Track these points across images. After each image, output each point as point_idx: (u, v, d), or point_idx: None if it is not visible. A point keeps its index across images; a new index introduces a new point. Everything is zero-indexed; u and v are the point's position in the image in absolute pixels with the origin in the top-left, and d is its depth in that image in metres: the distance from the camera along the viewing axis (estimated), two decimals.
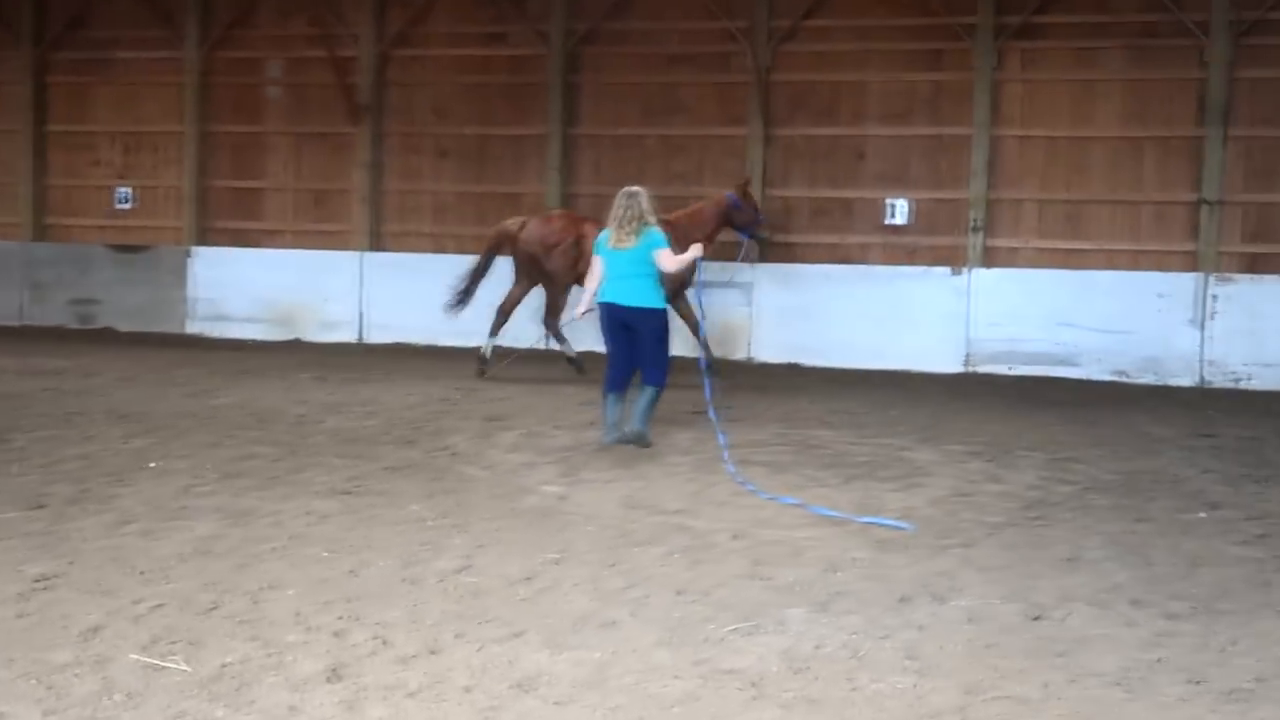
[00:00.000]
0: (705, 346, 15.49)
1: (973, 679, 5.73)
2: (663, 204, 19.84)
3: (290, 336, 20.73)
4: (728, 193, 17.09)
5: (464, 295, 16.94)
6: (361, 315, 20.79)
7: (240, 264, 21.39)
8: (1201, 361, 17.93)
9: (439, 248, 20.73)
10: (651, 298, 11.42)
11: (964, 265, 18.82)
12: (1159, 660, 6.05)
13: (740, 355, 19.10)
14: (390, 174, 21.23)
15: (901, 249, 19.24)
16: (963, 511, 9.21)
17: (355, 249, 21.05)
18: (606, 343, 11.67)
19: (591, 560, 7.72)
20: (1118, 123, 18.50)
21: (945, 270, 18.78)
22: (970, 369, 18.45)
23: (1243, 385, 17.69)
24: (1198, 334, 17.90)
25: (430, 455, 11.03)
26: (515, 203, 20.24)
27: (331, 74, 20.72)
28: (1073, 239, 18.69)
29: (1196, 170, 18.17)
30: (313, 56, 21.00)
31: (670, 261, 11.36)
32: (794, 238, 19.42)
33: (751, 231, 17.34)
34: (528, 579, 7.28)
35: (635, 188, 11.59)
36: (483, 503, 9.25)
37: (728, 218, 16.90)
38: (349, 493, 9.44)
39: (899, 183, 19.15)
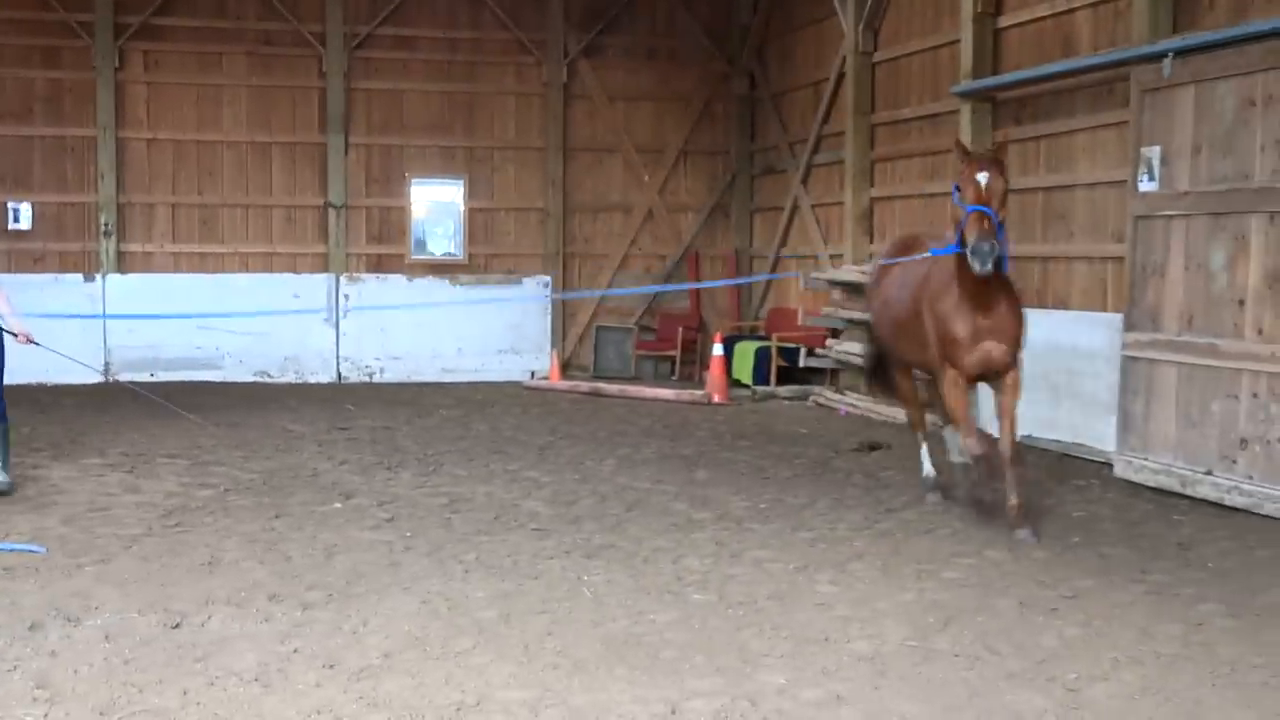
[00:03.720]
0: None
1: (109, 698, 5.56)
2: None
3: None
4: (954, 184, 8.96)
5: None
6: None
7: None
8: (338, 358, 18.80)
9: None
10: None
11: (97, 271, 18.21)
12: (295, 650, 6.24)
13: None
14: None
15: (28, 255, 18.17)
16: (99, 526, 8.89)
17: None
18: None
19: None
20: (245, 128, 18.83)
21: (77, 277, 18.04)
22: (110, 378, 17.86)
23: (376, 379, 18.80)
24: (333, 332, 18.74)
25: None
26: None
27: None
28: (207, 242, 18.77)
29: (323, 175, 18.99)
30: None
31: None
32: None
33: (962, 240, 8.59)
34: None
35: None
36: None
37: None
38: None
39: (20, 185, 18.07)
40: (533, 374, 19.01)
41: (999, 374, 8.88)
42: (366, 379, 18.81)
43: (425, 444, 12.81)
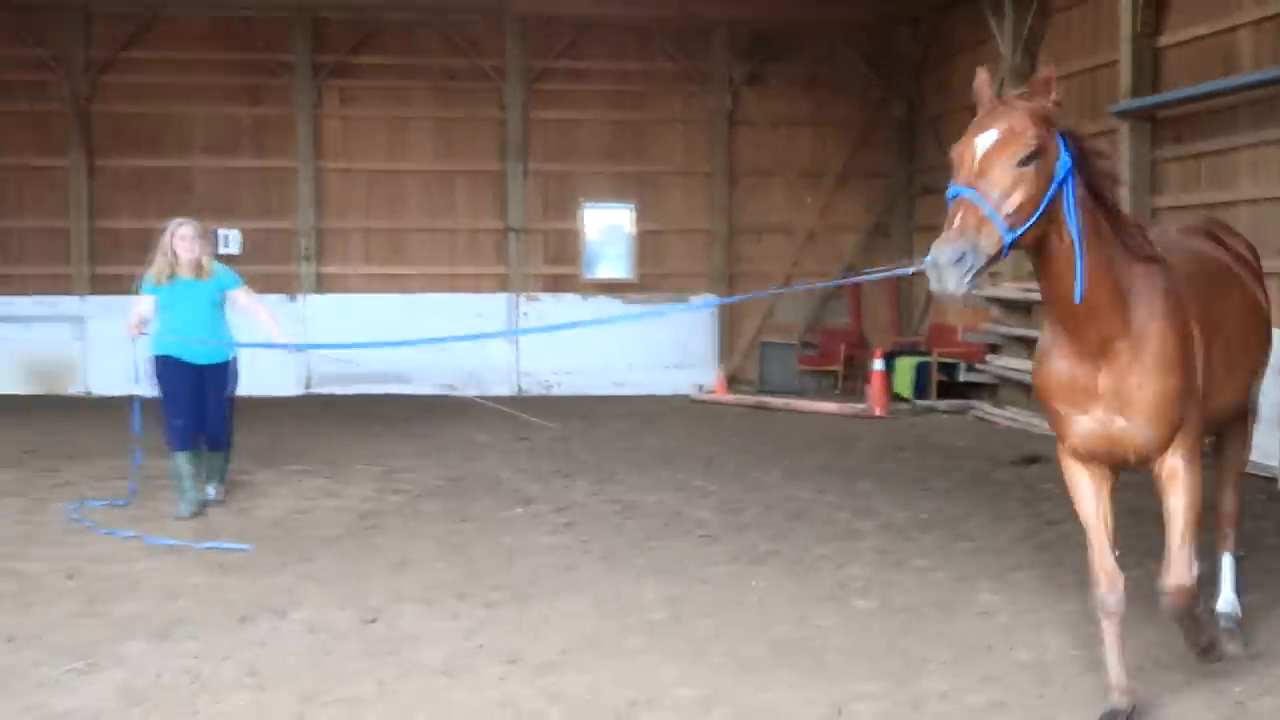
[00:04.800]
0: None
1: (310, 686, 5.75)
2: None
3: None
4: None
5: None
6: None
7: None
8: (517, 372, 19.11)
9: None
10: None
11: (298, 292, 18.84)
12: (480, 646, 6.38)
13: (76, 389, 17.98)
14: None
15: None
16: (301, 528, 9.19)
17: None
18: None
19: None
20: (430, 157, 19.31)
21: (281, 297, 18.64)
22: (310, 391, 18.47)
23: (553, 391, 19.05)
24: (513, 347, 19.06)
25: None
26: None
27: None
28: (397, 264, 19.27)
29: (502, 201, 19.35)
30: None
31: None
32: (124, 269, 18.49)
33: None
34: None
35: None
36: None
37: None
38: None
39: (229, 213, 18.77)
40: (700, 388, 19.03)
41: (1141, 462, 5.32)
42: (544, 391, 19.07)
43: (599, 454, 12.93)
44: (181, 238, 9.53)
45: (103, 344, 17.49)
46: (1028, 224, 4.78)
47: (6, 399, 17.38)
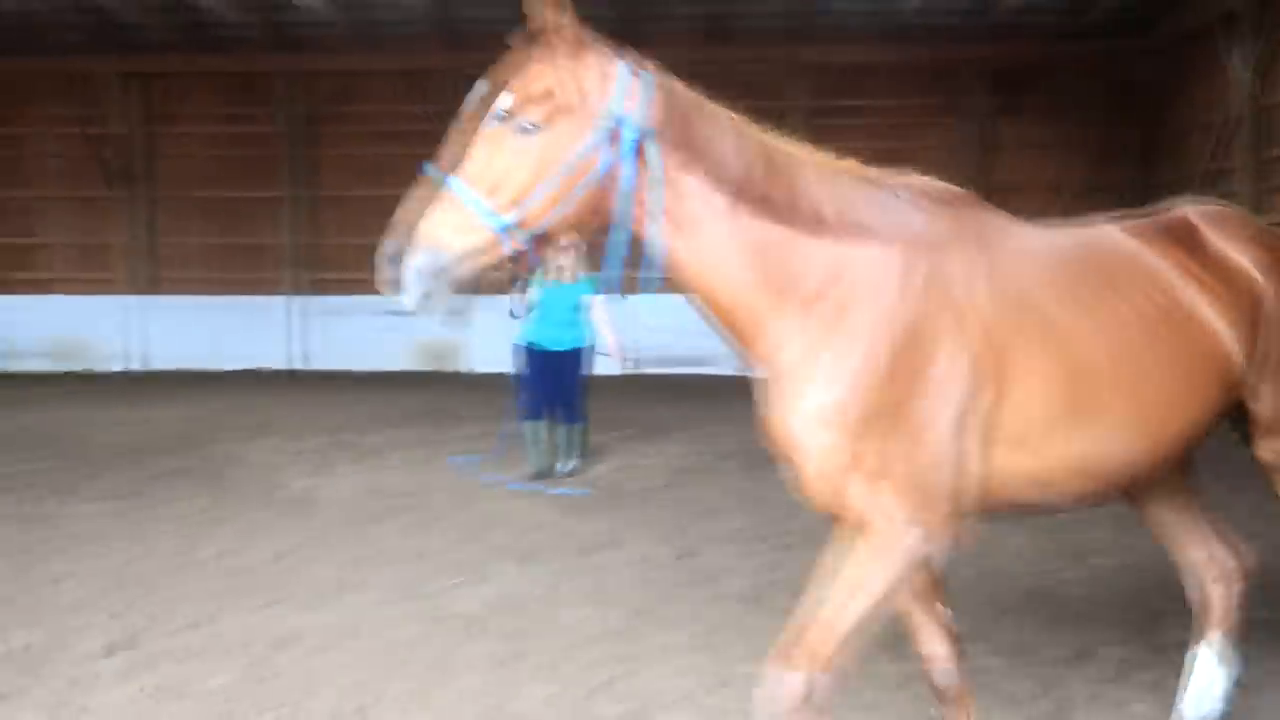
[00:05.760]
0: None
1: (639, 605, 5.87)
2: None
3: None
4: None
5: None
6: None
7: (31, 309, 19.46)
8: None
9: (209, 290, 19.54)
10: None
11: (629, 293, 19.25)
12: (774, 581, 6.35)
13: (459, 367, 18.97)
14: (161, 229, 19.83)
15: None
16: (629, 479, 9.39)
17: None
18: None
19: (339, 537, 7.48)
20: None
21: (613, 296, 19.11)
22: (635, 370, 18.85)
23: None
24: None
25: (201, 461, 10.38)
26: (260, 255, 19.47)
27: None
28: None
29: None
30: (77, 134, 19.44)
31: None
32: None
33: None
34: (285, 556, 6.99)
35: None
36: (246, 497, 8.80)
37: None
38: (125, 497, 8.78)
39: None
40: None
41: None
42: None
43: None
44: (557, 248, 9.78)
45: (481, 331, 18.26)
46: (549, 207, 2.94)
47: (405, 374, 18.49)
